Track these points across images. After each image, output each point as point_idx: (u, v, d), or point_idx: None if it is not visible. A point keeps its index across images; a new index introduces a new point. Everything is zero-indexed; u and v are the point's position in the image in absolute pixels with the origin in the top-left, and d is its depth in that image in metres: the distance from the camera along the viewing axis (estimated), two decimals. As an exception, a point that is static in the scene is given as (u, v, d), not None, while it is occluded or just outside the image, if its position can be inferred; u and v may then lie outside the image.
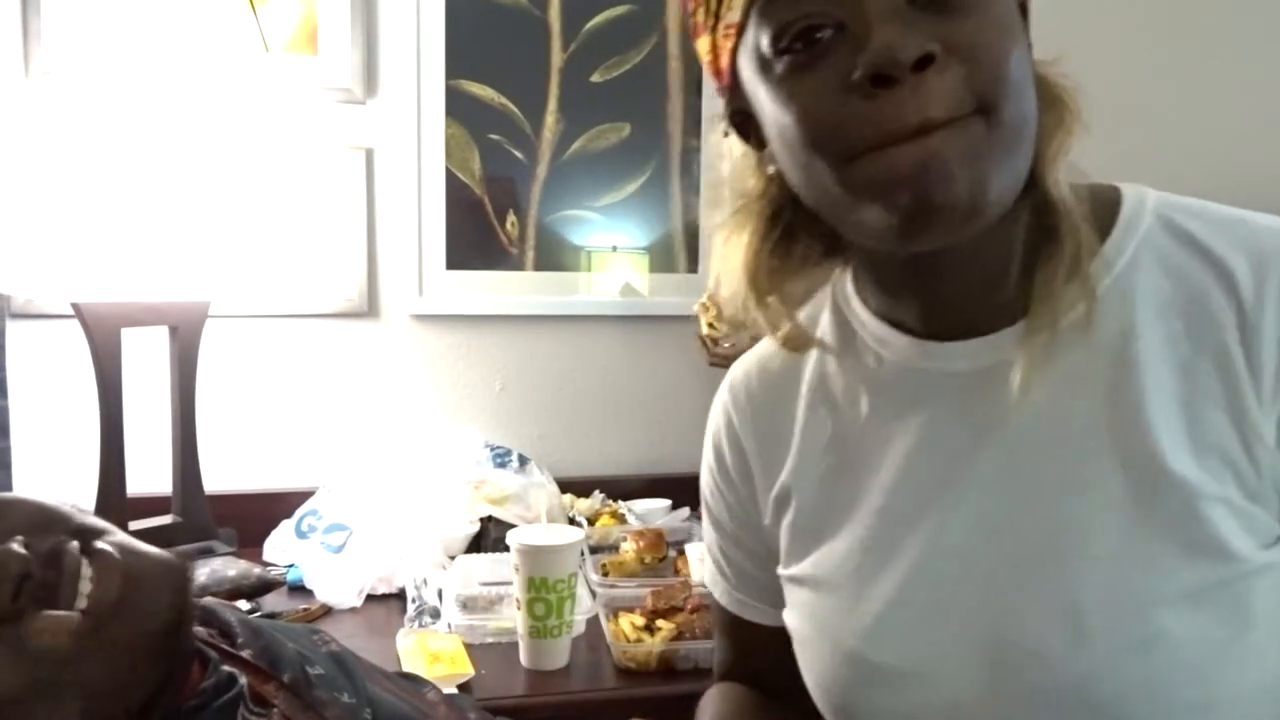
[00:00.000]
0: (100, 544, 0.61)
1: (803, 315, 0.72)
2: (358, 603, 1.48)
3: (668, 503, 1.87)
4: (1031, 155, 0.57)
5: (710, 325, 1.77)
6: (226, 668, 0.68)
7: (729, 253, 0.67)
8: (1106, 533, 0.57)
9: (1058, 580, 0.58)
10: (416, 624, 1.37)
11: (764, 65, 0.58)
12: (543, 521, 1.32)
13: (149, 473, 1.66)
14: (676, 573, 1.51)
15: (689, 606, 1.32)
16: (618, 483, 1.96)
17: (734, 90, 0.63)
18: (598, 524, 1.75)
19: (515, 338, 1.98)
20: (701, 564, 0.85)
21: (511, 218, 1.95)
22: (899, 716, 0.64)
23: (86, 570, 0.59)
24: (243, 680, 0.68)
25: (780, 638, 0.75)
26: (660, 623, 1.29)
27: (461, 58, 1.89)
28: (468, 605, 1.38)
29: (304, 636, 0.80)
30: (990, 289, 0.62)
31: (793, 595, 0.72)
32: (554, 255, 1.98)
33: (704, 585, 0.85)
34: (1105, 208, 0.62)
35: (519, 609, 1.25)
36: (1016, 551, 0.60)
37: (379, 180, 1.88)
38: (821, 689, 0.69)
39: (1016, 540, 0.60)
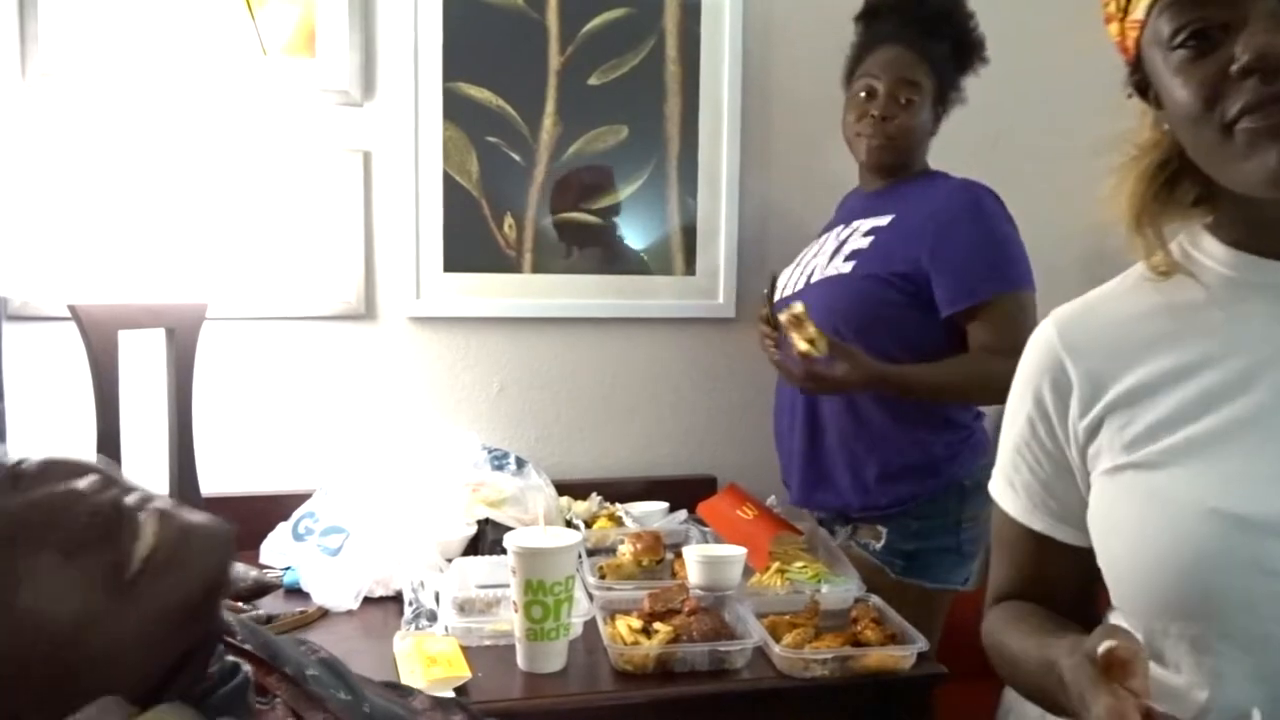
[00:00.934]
0: (158, 502, 0.65)
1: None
2: (355, 605, 1.48)
3: (665, 505, 1.87)
4: None
5: (809, 343, 1.50)
6: (231, 658, 0.69)
7: (1118, 190, 0.82)
8: None
9: None
10: (413, 626, 1.36)
11: (1163, 52, 0.75)
12: (540, 524, 1.32)
13: (145, 475, 1.66)
14: (674, 575, 1.51)
15: (686, 609, 1.32)
16: (615, 485, 1.96)
17: (1137, 65, 0.80)
18: (595, 526, 1.75)
19: (513, 340, 1.98)
20: (991, 483, 0.96)
21: (509, 220, 1.95)
22: (1256, 569, 0.72)
23: (145, 520, 0.62)
24: (247, 668, 0.69)
25: (1061, 553, 0.89)
26: (657, 625, 1.29)
27: (459, 60, 1.89)
28: (465, 608, 1.38)
29: (293, 645, 0.80)
30: None
31: (1124, 483, 0.81)
32: (552, 258, 1.98)
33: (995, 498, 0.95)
34: None
35: (516, 612, 1.25)
36: None
37: (377, 183, 1.88)
38: (1171, 560, 0.75)
39: None
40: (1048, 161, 2.14)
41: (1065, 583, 0.90)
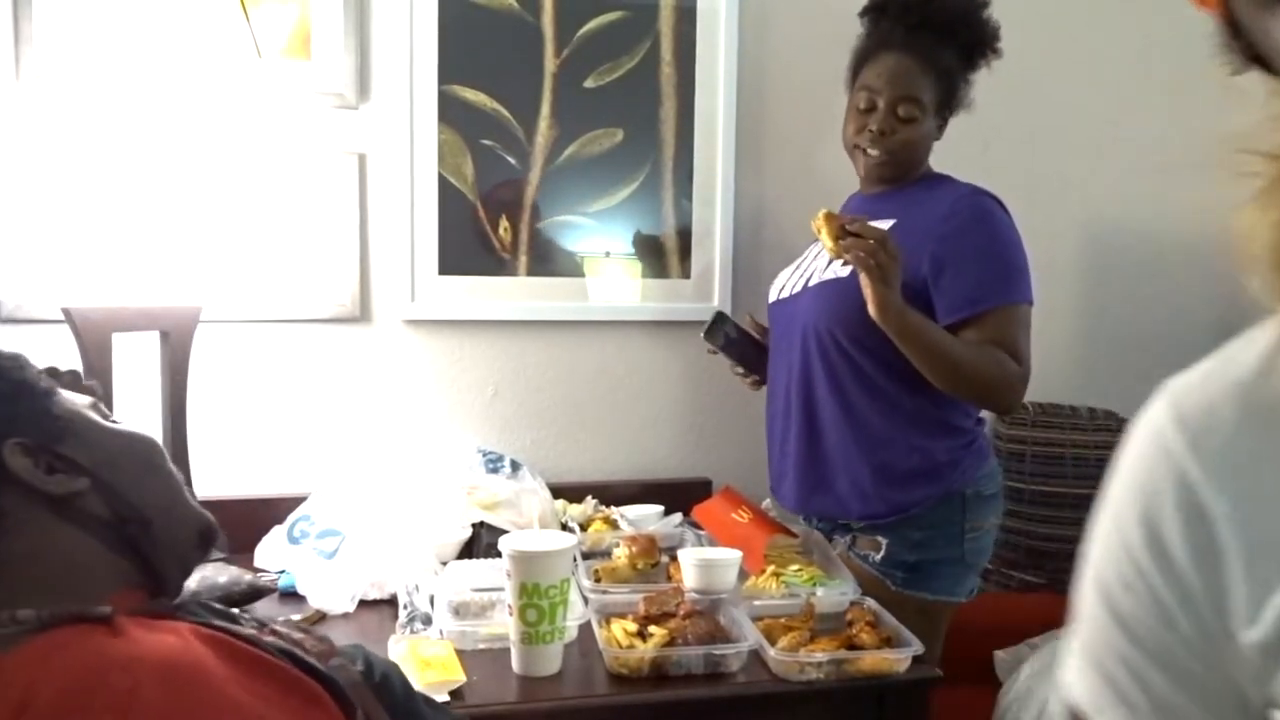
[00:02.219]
0: None
1: None
2: (350, 608, 1.48)
3: (660, 508, 1.87)
4: None
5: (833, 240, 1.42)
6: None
7: (1256, 229, 0.46)
8: None
9: None
10: (408, 630, 1.36)
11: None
12: (535, 527, 1.32)
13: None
14: (669, 578, 1.51)
15: (681, 612, 1.32)
16: (610, 488, 1.96)
17: (1230, 23, 0.49)
18: (590, 530, 1.75)
19: (508, 343, 1.98)
20: (1069, 672, 0.52)
21: (504, 223, 1.95)
22: None
23: None
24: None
25: None
26: (653, 628, 1.29)
27: (454, 63, 1.89)
28: (460, 611, 1.38)
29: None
30: None
31: None
32: (547, 261, 1.98)
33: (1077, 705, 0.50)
34: None
35: (511, 615, 1.25)
36: None
37: (372, 185, 1.88)
38: None
39: None
40: (1041, 161, 2.15)
41: None
